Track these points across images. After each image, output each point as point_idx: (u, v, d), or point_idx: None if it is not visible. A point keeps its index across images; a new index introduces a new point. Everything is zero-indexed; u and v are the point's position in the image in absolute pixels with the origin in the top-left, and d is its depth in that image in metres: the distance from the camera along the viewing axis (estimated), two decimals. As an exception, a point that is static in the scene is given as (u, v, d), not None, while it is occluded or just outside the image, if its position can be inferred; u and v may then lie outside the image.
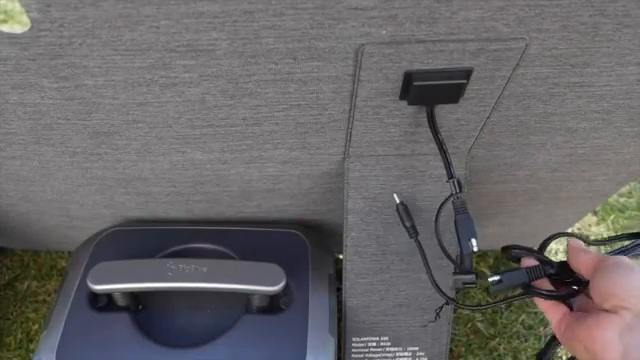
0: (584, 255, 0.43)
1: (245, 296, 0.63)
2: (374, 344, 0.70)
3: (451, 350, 0.85)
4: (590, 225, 1.02)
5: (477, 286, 0.57)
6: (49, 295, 0.90)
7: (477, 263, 0.94)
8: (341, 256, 0.67)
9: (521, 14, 0.40)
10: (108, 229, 0.73)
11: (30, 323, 0.86)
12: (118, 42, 0.40)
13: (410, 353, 0.71)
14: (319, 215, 0.74)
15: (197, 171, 0.61)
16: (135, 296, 0.63)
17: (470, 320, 0.88)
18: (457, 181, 0.50)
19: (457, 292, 0.89)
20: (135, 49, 0.41)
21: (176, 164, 0.59)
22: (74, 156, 0.58)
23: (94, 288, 0.60)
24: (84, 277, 0.64)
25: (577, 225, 1.01)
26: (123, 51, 0.41)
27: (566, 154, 0.62)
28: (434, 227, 0.53)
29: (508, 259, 0.51)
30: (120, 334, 0.61)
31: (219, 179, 0.63)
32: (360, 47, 0.43)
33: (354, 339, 0.70)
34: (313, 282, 0.67)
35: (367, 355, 0.70)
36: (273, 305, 0.64)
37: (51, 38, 0.39)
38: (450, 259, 0.52)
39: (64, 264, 0.94)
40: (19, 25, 1.40)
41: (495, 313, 0.89)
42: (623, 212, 1.05)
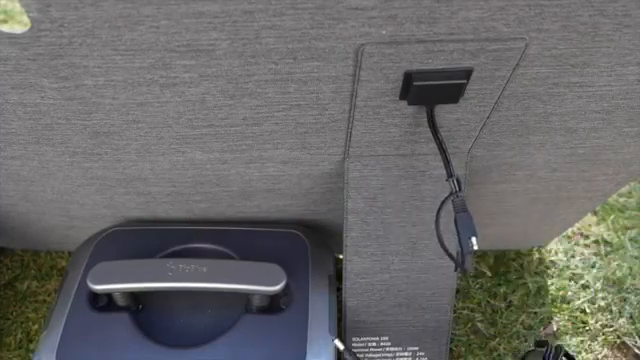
0: None
1: (245, 296, 0.63)
2: (374, 344, 0.70)
3: (451, 350, 0.85)
4: (590, 225, 1.02)
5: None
6: (49, 295, 0.90)
7: (477, 263, 0.94)
8: (341, 256, 0.67)
9: (521, 14, 0.40)
10: (108, 229, 0.73)
11: (30, 323, 0.86)
12: (118, 42, 0.40)
13: (410, 353, 0.71)
14: (319, 215, 0.74)
15: (197, 171, 0.61)
16: (135, 296, 0.63)
17: (470, 320, 0.88)
18: (457, 179, 0.50)
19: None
20: (135, 49, 0.41)
21: (176, 164, 0.59)
22: (74, 156, 0.58)
23: (94, 288, 0.60)
24: (84, 277, 0.64)
25: (577, 225, 1.01)
26: (123, 51, 0.41)
27: (566, 154, 0.62)
28: (434, 227, 0.53)
29: (508, 259, 0.51)
30: (120, 334, 0.61)
31: (219, 179, 0.63)
32: (360, 47, 0.43)
33: (354, 339, 0.70)
34: (313, 282, 0.67)
35: (367, 355, 0.71)
36: (273, 305, 0.64)
37: (51, 38, 0.40)
38: (451, 257, 0.52)
39: (64, 264, 0.94)
40: (19, 25, 1.40)
41: (495, 313, 0.89)
42: (623, 212, 1.05)
